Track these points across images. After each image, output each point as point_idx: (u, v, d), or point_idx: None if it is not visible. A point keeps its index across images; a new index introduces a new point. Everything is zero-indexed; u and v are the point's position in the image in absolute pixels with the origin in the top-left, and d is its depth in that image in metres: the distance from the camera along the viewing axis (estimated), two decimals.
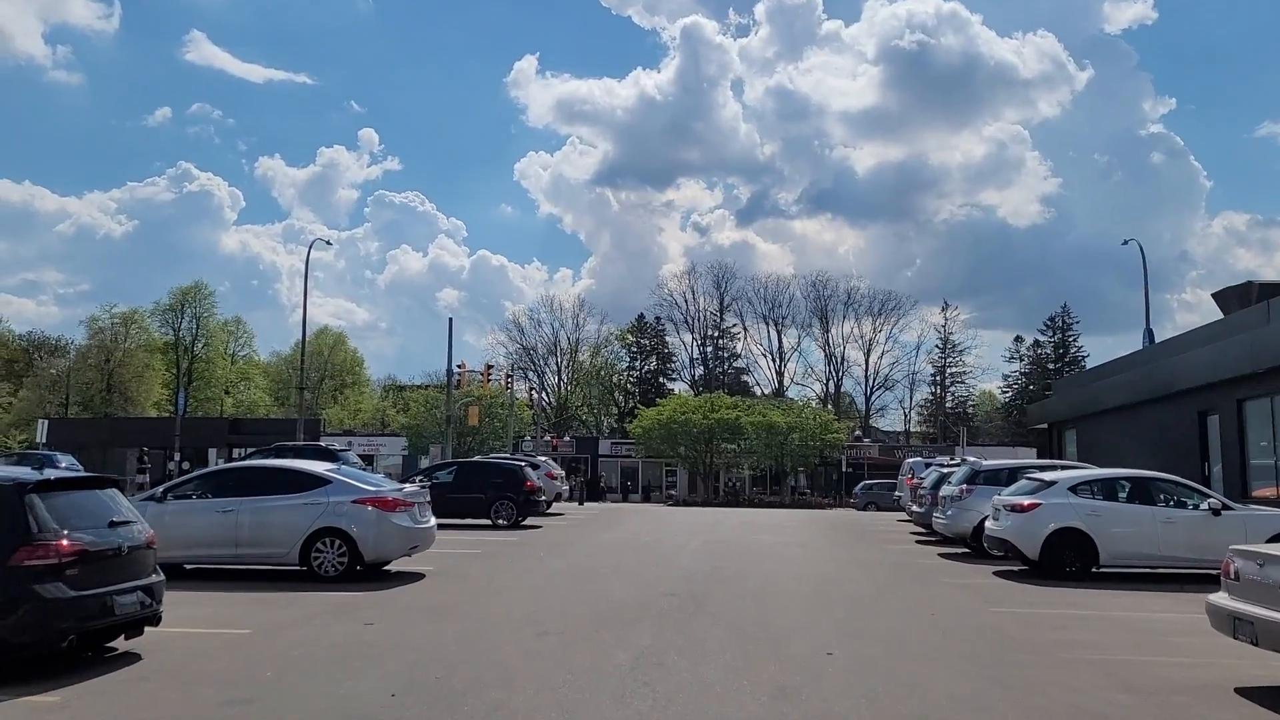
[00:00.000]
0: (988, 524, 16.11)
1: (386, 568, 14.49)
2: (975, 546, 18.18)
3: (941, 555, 18.72)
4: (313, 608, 11.24)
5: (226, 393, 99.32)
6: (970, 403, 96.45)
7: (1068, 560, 14.84)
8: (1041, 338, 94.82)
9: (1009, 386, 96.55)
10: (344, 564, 13.29)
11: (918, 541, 21.84)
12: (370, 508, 13.42)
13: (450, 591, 12.79)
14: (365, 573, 13.57)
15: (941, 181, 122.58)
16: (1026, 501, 15.27)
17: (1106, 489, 15.64)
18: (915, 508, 21.98)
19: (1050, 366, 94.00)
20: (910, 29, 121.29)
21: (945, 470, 21.79)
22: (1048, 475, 15.80)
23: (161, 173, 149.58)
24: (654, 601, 12.06)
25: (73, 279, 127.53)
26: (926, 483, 22.14)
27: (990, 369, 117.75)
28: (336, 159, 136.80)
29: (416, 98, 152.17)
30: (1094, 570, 14.81)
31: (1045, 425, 34.56)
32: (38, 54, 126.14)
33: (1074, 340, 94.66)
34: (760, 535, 23.37)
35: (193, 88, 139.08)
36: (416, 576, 14.05)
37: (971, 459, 19.86)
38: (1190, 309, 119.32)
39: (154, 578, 8.55)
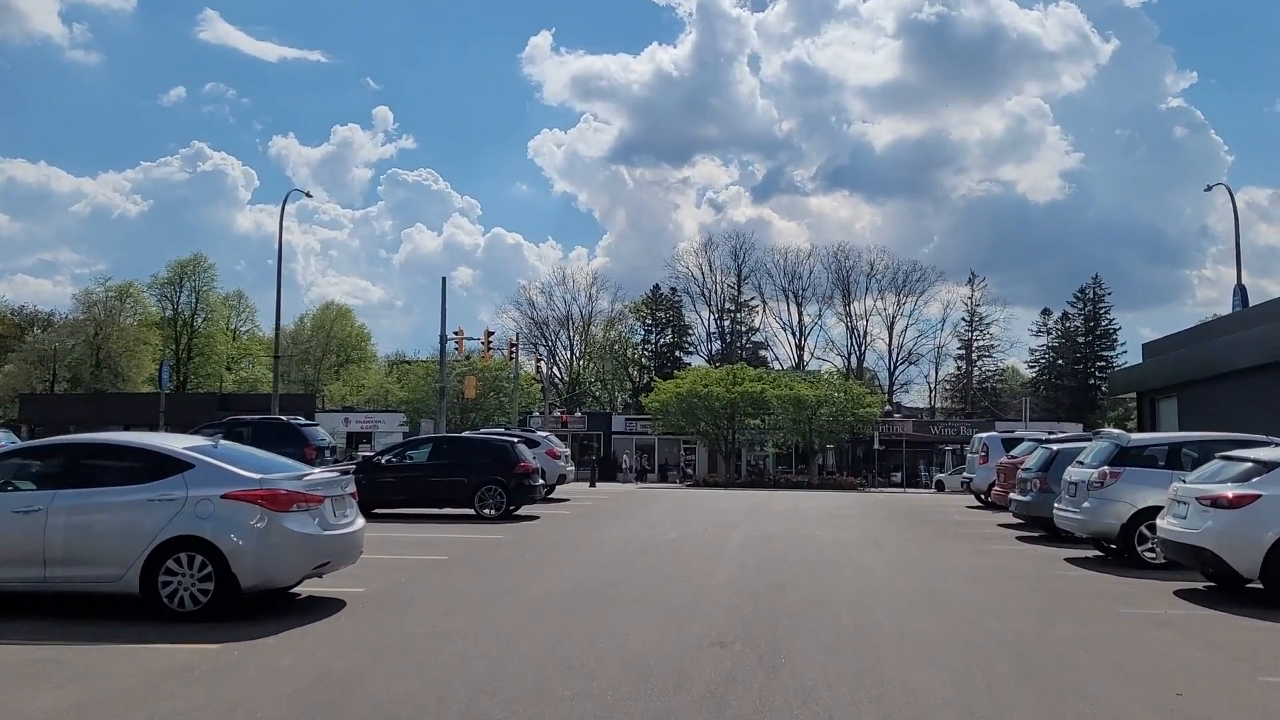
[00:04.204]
0: (1165, 524, 11.22)
1: (294, 590, 9.78)
2: (1119, 549, 13.35)
3: (1070, 560, 13.86)
4: (103, 686, 6.49)
5: (228, 369, 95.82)
6: (997, 378, 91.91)
7: None
8: (1071, 310, 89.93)
9: (1035, 361, 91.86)
10: (209, 592, 8.54)
11: (1019, 538, 16.97)
12: (251, 505, 8.64)
13: (368, 640, 8.01)
14: (247, 603, 8.85)
15: (960, 157, 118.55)
16: (1233, 493, 10.36)
17: None
18: (1017, 495, 17.07)
19: (1080, 340, 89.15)
20: (930, 0, 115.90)
21: (1057, 447, 16.89)
22: (1262, 454, 10.83)
23: (175, 153, 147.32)
24: (695, 660, 7.28)
25: (89, 259, 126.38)
26: (1031, 464, 17.23)
27: (1018, 343, 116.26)
28: (350, 137, 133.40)
29: (431, 75, 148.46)
30: None
31: (1133, 395, 29.60)
32: (55, 33, 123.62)
33: (1105, 313, 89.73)
34: (814, 528, 18.53)
35: (207, 67, 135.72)
36: (330, 607, 9.31)
37: (1116, 431, 14.97)
38: (1211, 285, 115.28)
39: None
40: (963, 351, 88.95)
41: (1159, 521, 11.47)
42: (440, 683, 6.61)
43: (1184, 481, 11.28)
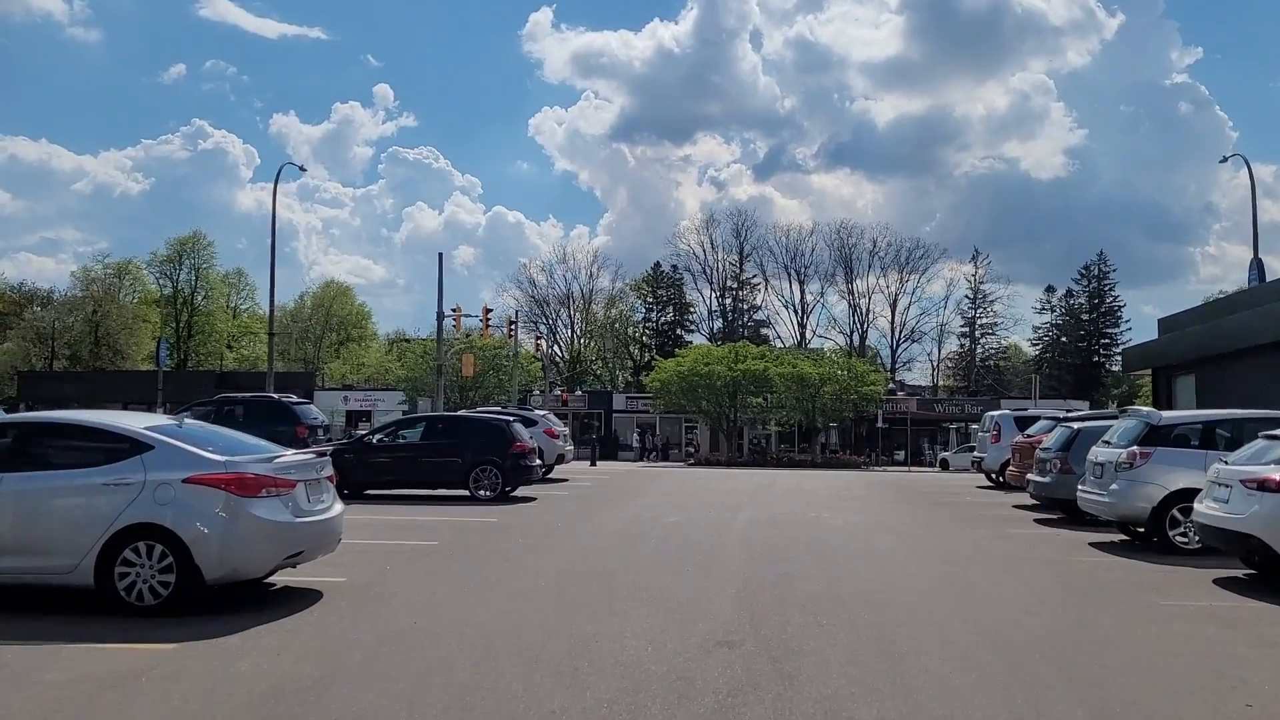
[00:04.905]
0: (1204, 508, 10.48)
1: (269, 580, 9.07)
2: (1149, 534, 12.62)
3: (1095, 546, 13.14)
4: (33, 695, 5.75)
5: (229, 347, 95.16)
6: (1000, 355, 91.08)
7: None
8: (1075, 287, 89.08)
9: (1039, 339, 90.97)
10: (170, 585, 7.81)
11: (1037, 521, 16.23)
12: (216, 490, 7.91)
13: (340, 641, 7.28)
14: (216, 595, 8.12)
15: (963, 133, 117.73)
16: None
17: None
18: (1036, 476, 16.33)
19: (1085, 317, 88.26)
20: None
21: (1078, 426, 16.14)
22: None
23: (176, 131, 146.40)
24: (700, 664, 6.55)
25: (91, 237, 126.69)
26: (1051, 443, 16.46)
27: (1021, 320, 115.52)
28: (351, 115, 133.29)
29: (431, 52, 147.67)
30: None
31: (1145, 371, 28.82)
32: (55, 10, 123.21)
33: (1110, 290, 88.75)
34: (821, 511, 17.81)
35: (207, 44, 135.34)
36: (304, 600, 8.58)
37: (1145, 409, 14.20)
38: (1215, 261, 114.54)
39: None
40: (966, 329, 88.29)
41: (1197, 505, 10.74)
42: (413, 693, 5.88)
43: (1225, 463, 10.53)
